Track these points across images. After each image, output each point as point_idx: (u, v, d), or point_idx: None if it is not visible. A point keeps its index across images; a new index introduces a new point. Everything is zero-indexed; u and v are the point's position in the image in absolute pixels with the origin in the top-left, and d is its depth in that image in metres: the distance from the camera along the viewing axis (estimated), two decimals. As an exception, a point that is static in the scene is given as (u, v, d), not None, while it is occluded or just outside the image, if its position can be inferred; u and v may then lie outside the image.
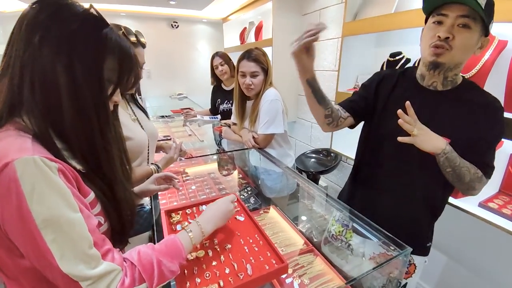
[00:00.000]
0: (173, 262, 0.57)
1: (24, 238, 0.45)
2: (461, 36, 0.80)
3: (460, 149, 0.88)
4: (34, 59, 0.47)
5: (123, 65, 0.56)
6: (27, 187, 0.43)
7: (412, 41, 1.66)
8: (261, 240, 0.79)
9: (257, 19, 3.35)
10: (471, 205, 1.24)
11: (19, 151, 0.44)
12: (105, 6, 3.49)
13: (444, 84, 0.92)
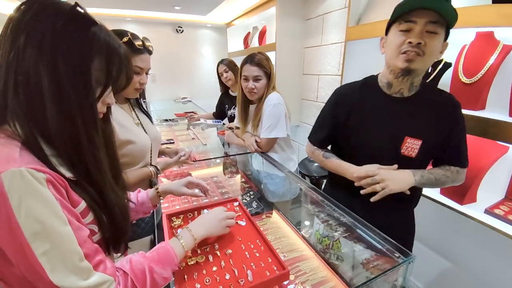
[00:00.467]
0: (165, 269, 0.58)
1: (14, 251, 0.44)
2: (431, 42, 0.82)
3: (433, 148, 0.95)
4: (18, 60, 0.46)
5: (112, 65, 0.53)
6: (15, 201, 0.42)
7: (416, 45, 1.65)
8: (263, 245, 0.78)
9: (260, 23, 3.37)
10: (477, 211, 1.22)
11: (6, 163, 0.43)
12: (111, 11, 3.54)
13: (410, 90, 0.96)
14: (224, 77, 2.38)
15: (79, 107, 0.49)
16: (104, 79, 0.53)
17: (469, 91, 1.26)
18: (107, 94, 0.55)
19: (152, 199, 0.88)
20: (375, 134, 1.00)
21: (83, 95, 0.49)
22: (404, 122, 0.96)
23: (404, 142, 0.96)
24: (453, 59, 1.37)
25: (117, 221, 0.60)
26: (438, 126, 0.94)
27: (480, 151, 1.26)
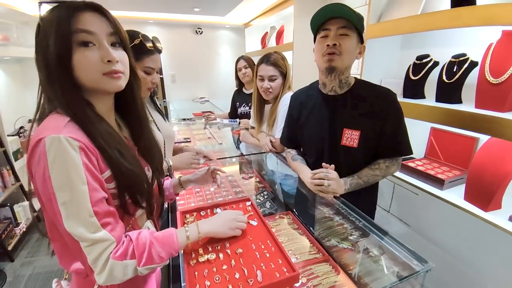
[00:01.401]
0: (164, 249, 0.63)
1: (45, 197, 0.55)
2: (344, 43, 0.99)
3: (373, 138, 1.08)
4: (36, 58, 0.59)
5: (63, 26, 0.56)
6: (50, 159, 0.52)
7: (440, 43, 1.59)
8: (273, 246, 0.77)
9: (278, 23, 3.36)
10: (502, 219, 1.16)
11: (52, 130, 0.54)
12: (135, 14, 3.65)
13: (341, 87, 1.11)
14: (242, 72, 2.38)
15: (57, 74, 0.57)
16: (60, 41, 0.56)
17: (496, 91, 1.19)
18: (95, 53, 0.58)
19: (174, 187, 0.99)
20: (317, 129, 1.18)
21: (49, 64, 0.56)
22: (341, 116, 1.11)
23: (343, 134, 1.11)
24: (479, 58, 1.30)
25: (137, 189, 0.67)
26: (374, 117, 1.06)
27: (507, 156, 1.18)
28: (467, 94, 1.40)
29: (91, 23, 0.58)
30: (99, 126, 0.61)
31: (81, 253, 0.55)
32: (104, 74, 0.59)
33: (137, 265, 0.59)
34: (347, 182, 1.08)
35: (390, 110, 1.07)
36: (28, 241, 2.47)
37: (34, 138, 0.54)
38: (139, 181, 0.68)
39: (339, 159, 1.14)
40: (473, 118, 1.23)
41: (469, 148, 1.50)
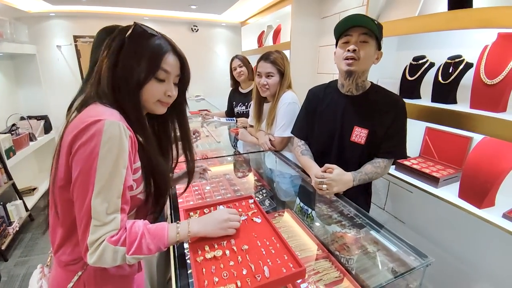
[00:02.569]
0: (153, 242, 0.67)
1: (82, 168, 0.60)
2: (364, 49, 1.09)
3: (378, 137, 1.18)
4: (102, 65, 0.69)
5: (154, 61, 0.70)
6: (105, 138, 0.60)
7: (436, 44, 1.62)
8: (278, 243, 0.79)
9: (275, 22, 3.37)
10: (495, 216, 1.19)
11: (110, 116, 0.62)
12: (130, 10, 3.61)
13: (357, 89, 1.22)
14: (237, 72, 2.38)
15: (127, 93, 0.69)
16: (145, 72, 0.70)
17: (490, 92, 1.23)
18: (162, 87, 0.73)
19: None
20: (329, 123, 1.28)
21: (126, 85, 0.68)
22: (353, 114, 1.22)
23: (353, 130, 1.21)
24: (474, 59, 1.33)
25: (158, 183, 0.76)
26: (382, 120, 1.17)
27: (500, 154, 1.22)
28: (462, 94, 1.43)
29: (172, 66, 0.74)
30: (145, 126, 0.73)
31: (86, 230, 0.60)
32: (159, 101, 0.75)
33: (126, 253, 0.63)
34: (356, 178, 1.16)
35: (397, 116, 1.17)
36: (22, 240, 2.44)
37: (89, 117, 0.61)
38: (166, 178, 0.79)
39: (345, 154, 1.25)
40: (467, 118, 1.27)
41: (463, 147, 1.53)
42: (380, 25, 1.11)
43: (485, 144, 1.31)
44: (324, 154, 1.32)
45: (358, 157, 1.23)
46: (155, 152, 0.75)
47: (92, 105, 0.66)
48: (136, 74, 0.68)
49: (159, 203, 0.82)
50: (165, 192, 0.82)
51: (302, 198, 1.39)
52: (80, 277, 0.73)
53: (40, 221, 2.72)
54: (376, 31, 1.06)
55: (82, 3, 3.12)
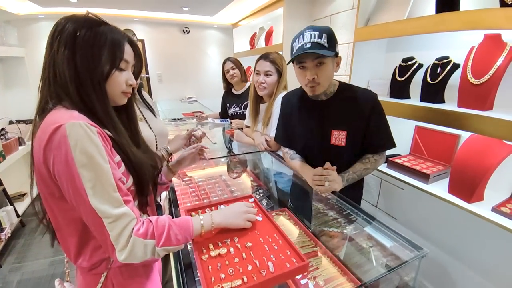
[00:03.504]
0: (181, 233, 0.69)
1: (67, 179, 0.59)
2: (321, 73, 1.10)
3: (358, 136, 1.18)
4: (54, 59, 0.64)
5: (115, 52, 0.68)
6: (73, 142, 0.57)
7: (424, 46, 1.68)
8: (280, 239, 0.81)
9: (267, 24, 3.41)
10: (484, 210, 1.25)
11: (69, 118, 0.59)
12: (120, 12, 3.58)
13: (326, 95, 1.22)
14: (230, 74, 2.38)
15: (92, 85, 0.65)
16: (109, 63, 0.67)
17: (477, 91, 1.29)
18: (123, 76, 0.71)
19: (166, 175, 1.04)
20: (308, 130, 1.29)
21: (92, 75, 0.65)
22: (328, 118, 1.22)
23: (332, 134, 1.21)
24: (461, 60, 1.39)
25: (139, 174, 0.75)
26: (358, 117, 1.16)
27: (487, 151, 1.28)
28: (449, 94, 1.49)
29: (129, 54, 0.73)
30: (114, 119, 0.71)
31: (103, 230, 0.60)
32: (122, 93, 0.73)
33: (156, 245, 0.64)
34: (344, 178, 1.17)
35: (371, 109, 1.16)
36: (14, 246, 2.39)
37: (49, 126, 0.58)
38: (144, 168, 0.76)
39: (331, 156, 1.23)
40: (455, 116, 1.32)
41: (451, 144, 1.60)
42: (330, 33, 1.07)
43: (472, 141, 1.38)
44: (310, 158, 1.34)
45: (344, 158, 1.23)
46: (128, 143, 0.74)
47: (50, 113, 0.63)
48: (100, 66, 0.66)
49: (144, 193, 0.79)
50: (146, 182, 0.79)
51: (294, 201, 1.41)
52: (107, 277, 0.73)
53: (32, 227, 2.66)
54: (328, 52, 1.04)
55: (71, 4, 3.08)
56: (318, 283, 0.89)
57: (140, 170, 0.75)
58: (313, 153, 1.31)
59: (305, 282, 0.88)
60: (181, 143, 1.38)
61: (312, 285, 0.88)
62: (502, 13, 1.12)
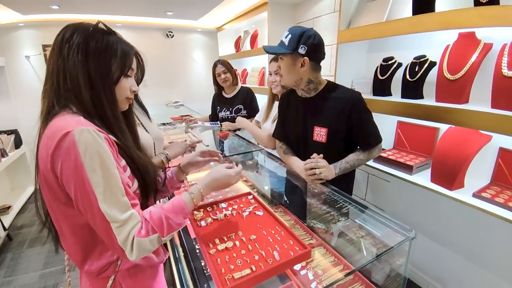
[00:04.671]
0: (178, 217, 0.71)
1: (76, 184, 0.60)
2: (281, 65, 1.25)
3: (340, 134, 1.25)
4: (64, 63, 0.66)
5: (124, 61, 0.71)
6: (82, 147, 0.59)
7: (403, 46, 1.78)
8: (282, 230, 0.86)
9: (251, 28, 3.46)
10: (466, 196, 1.33)
11: (76, 124, 0.61)
12: (102, 17, 3.53)
13: (308, 92, 1.31)
14: (222, 78, 2.35)
15: (103, 90, 0.68)
16: (119, 70, 0.71)
17: (453, 86, 1.39)
18: (129, 83, 0.74)
19: (177, 175, 1.04)
20: (294, 126, 1.39)
21: (105, 81, 0.68)
22: (311, 115, 1.31)
23: (314, 131, 1.29)
24: (438, 58, 1.50)
25: (144, 176, 0.77)
26: (339, 116, 1.23)
27: (466, 141, 1.38)
28: (428, 90, 1.60)
29: (134, 63, 0.76)
30: (122, 123, 0.74)
31: (111, 234, 0.61)
32: (126, 98, 0.76)
33: (161, 237, 0.67)
34: (337, 166, 1.24)
35: (351, 107, 1.21)
36: (3, 260, 2.30)
37: (57, 132, 0.59)
38: (149, 170, 0.79)
39: (311, 152, 1.28)
40: (434, 110, 1.42)
41: (431, 137, 1.70)
42: (295, 35, 1.17)
43: (451, 133, 1.48)
44: (297, 153, 1.43)
45: (327, 155, 1.26)
46: (133, 147, 0.76)
47: (56, 118, 0.64)
48: (111, 72, 0.69)
49: (148, 196, 0.82)
50: (151, 184, 0.81)
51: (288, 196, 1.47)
52: (114, 280, 0.74)
53: (20, 240, 2.58)
54: (281, 49, 1.20)
55: (52, 11, 3.02)
56: (316, 272, 0.94)
57: (145, 172, 0.77)
58: (299, 148, 1.40)
59: (304, 272, 0.94)
60: (180, 151, 1.39)
61: (311, 274, 0.93)
62: (476, 12, 1.20)
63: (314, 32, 1.19)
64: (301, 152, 1.39)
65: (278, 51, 1.22)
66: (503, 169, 1.38)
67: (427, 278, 1.79)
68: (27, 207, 3.18)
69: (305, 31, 1.17)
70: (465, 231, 1.55)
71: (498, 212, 1.20)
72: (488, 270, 1.47)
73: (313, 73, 1.26)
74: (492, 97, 1.27)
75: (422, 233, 1.76)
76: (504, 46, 1.23)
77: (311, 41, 1.17)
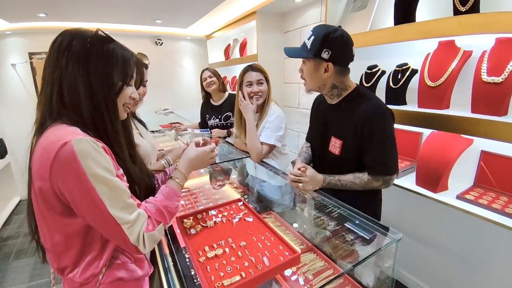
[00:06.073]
0: (173, 202, 0.76)
1: (81, 193, 0.59)
2: (304, 68, 1.16)
3: (353, 149, 1.12)
4: (62, 75, 0.64)
5: (126, 70, 0.71)
6: (82, 157, 0.58)
7: (386, 54, 1.84)
8: (272, 236, 0.87)
9: (240, 36, 3.51)
10: (450, 198, 1.37)
11: (73, 134, 0.60)
12: (90, 25, 3.51)
13: (331, 98, 1.21)
14: (208, 82, 2.37)
15: (105, 102, 0.67)
16: (121, 80, 0.70)
17: (434, 93, 1.44)
18: (129, 91, 0.73)
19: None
20: (316, 132, 1.33)
21: (107, 93, 0.67)
22: (331, 123, 1.22)
23: (330, 140, 1.20)
24: (419, 66, 1.56)
25: (137, 190, 0.78)
26: (356, 131, 1.09)
27: (448, 145, 1.43)
28: (410, 96, 1.65)
29: (134, 70, 0.75)
30: (121, 136, 0.74)
31: (123, 236, 0.63)
32: (124, 105, 0.75)
33: (165, 224, 0.71)
34: (326, 179, 1.20)
35: (367, 123, 1.07)
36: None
37: (54, 143, 0.58)
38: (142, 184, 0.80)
39: (326, 162, 1.27)
40: (417, 116, 1.46)
41: (415, 141, 1.75)
42: (318, 36, 1.06)
43: (433, 137, 1.53)
44: (315, 159, 1.39)
45: (334, 168, 1.21)
46: (129, 160, 0.77)
47: (50, 129, 0.63)
48: (113, 83, 0.68)
49: None
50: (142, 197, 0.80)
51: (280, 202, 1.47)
52: None
53: (5, 252, 2.51)
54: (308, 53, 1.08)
55: (40, 19, 2.99)
56: (307, 277, 0.95)
57: (139, 186, 0.79)
58: (319, 155, 1.34)
59: (295, 278, 0.94)
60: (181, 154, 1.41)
61: (302, 279, 0.94)
62: (455, 21, 1.25)
63: (341, 32, 1.06)
64: (318, 159, 1.35)
65: (300, 55, 1.13)
66: (486, 172, 1.43)
67: (415, 279, 1.82)
68: (12, 218, 3.10)
69: (329, 33, 1.04)
70: (450, 233, 1.59)
71: (482, 213, 1.23)
72: (474, 270, 1.50)
73: (339, 78, 1.13)
74: (472, 102, 1.31)
75: (409, 235, 1.80)
76: (483, 53, 1.29)
77: (337, 43, 1.05)
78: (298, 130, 2.95)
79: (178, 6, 2.80)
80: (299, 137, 2.95)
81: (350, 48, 1.10)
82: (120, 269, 0.73)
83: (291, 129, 3.04)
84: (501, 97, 1.19)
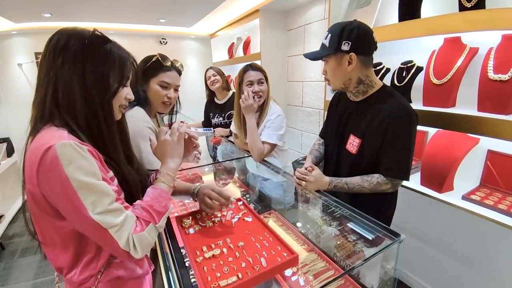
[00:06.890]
0: (161, 202, 0.71)
1: (64, 198, 0.59)
2: (327, 68, 1.13)
3: (369, 149, 1.11)
4: (57, 76, 0.63)
5: (122, 71, 0.70)
6: (65, 161, 0.57)
7: (391, 52, 1.80)
8: (271, 236, 0.86)
9: (244, 34, 3.50)
10: (455, 198, 1.34)
11: (58, 138, 0.59)
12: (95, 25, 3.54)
13: (356, 96, 1.17)
14: (212, 80, 2.39)
15: (100, 103, 0.66)
16: (118, 81, 0.69)
17: (440, 91, 1.41)
18: (125, 92, 0.72)
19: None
20: (334, 128, 1.28)
21: (103, 94, 0.66)
22: (352, 121, 1.19)
23: (349, 138, 1.17)
24: (424, 63, 1.52)
25: (131, 191, 0.76)
26: (378, 131, 1.07)
27: (454, 144, 1.40)
28: (415, 94, 1.61)
29: (129, 70, 0.73)
30: (116, 138, 0.73)
31: (112, 241, 0.60)
32: (120, 107, 0.73)
33: (155, 224, 0.67)
34: (333, 182, 1.16)
35: (399, 133, 1.04)
36: (-6, 271, 2.28)
37: (40, 148, 0.58)
38: (137, 186, 0.78)
39: (342, 160, 1.24)
40: (422, 114, 1.42)
41: (420, 140, 1.72)
42: (335, 32, 1.05)
43: (439, 136, 1.50)
44: (328, 157, 1.35)
45: (350, 167, 1.18)
46: (124, 162, 0.75)
47: (41, 132, 0.63)
48: (109, 84, 0.67)
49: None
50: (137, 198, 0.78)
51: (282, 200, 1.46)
52: None
53: (12, 250, 2.55)
54: (328, 50, 1.07)
55: (45, 19, 3.03)
56: (308, 278, 0.94)
57: (134, 188, 0.77)
58: (332, 153, 1.30)
59: (295, 278, 0.93)
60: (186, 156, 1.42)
61: (303, 280, 0.93)
62: (461, 17, 1.22)
63: (357, 23, 1.05)
64: (333, 157, 1.29)
65: (319, 55, 1.12)
66: (492, 172, 1.40)
67: (420, 280, 1.79)
68: (18, 216, 3.14)
69: (346, 25, 1.04)
70: (455, 233, 1.56)
71: (488, 214, 1.20)
72: (478, 272, 1.48)
73: (364, 70, 1.09)
74: (479, 101, 1.28)
75: (413, 235, 1.77)
76: (490, 50, 1.25)
77: (355, 33, 1.03)
78: (301, 128, 2.93)
79: (182, 5, 2.81)
80: (302, 135, 2.93)
81: (370, 36, 1.06)
82: (119, 267, 0.73)
83: (295, 128, 3.02)
84: (508, 95, 1.16)
